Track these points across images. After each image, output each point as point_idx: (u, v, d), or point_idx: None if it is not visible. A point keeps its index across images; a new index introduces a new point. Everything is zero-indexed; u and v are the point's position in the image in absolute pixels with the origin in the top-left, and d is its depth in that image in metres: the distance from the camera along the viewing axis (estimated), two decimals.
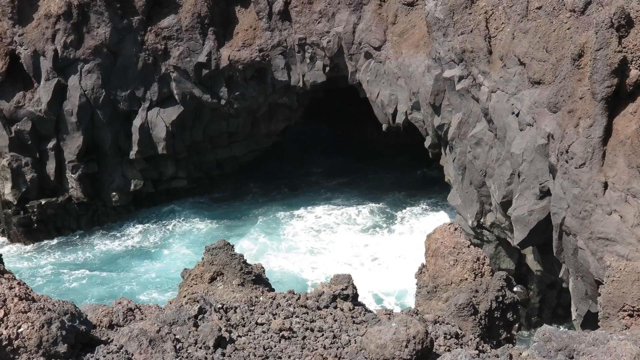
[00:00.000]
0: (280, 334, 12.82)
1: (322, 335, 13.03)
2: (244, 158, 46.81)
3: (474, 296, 16.61)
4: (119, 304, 12.66)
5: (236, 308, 13.68)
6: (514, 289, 18.14)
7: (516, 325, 17.71)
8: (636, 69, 21.54)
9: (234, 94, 41.72)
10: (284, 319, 13.52)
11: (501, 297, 16.95)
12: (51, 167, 41.42)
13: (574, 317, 24.02)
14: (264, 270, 17.34)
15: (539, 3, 26.56)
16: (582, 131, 22.44)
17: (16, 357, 9.81)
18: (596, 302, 18.38)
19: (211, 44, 40.04)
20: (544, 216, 25.44)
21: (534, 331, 27.80)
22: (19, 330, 9.88)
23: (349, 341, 12.74)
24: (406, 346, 11.19)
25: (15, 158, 40.65)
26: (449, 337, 14.45)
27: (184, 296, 15.33)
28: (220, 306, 13.43)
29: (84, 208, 43.13)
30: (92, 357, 10.60)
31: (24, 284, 10.60)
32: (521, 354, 12.53)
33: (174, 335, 11.45)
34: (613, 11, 21.53)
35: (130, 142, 42.12)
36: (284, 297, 14.75)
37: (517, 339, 18.47)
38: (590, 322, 22.10)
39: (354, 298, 15.13)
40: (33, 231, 42.36)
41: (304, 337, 12.89)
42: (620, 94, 21.94)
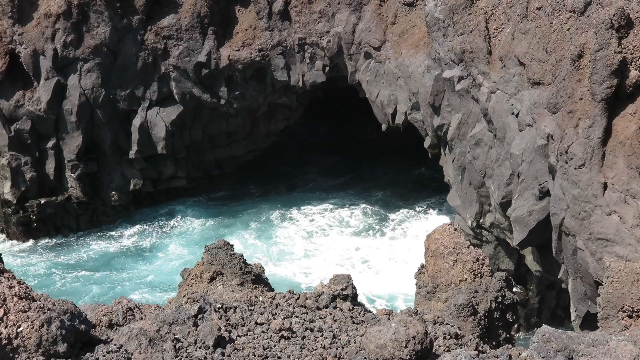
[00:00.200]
0: (280, 333, 12.82)
1: (322, 335, 13.03)
2: (243, 158, 46.80)
3: (473, 296, 16.61)
4: (118, 303, 12.66)
5: (236, 308, 13.68)
6: (513, 290, 18.15)
7: (515, 326, 17.72)
8: (636, 69, 21.55)
9: (234, 93, 41.71)
10: (284, 318, 13.52)
11: (501, 298, 16.95)
12: (50, 167, 41.42)
13: (573, 317, 24.03)
14: (263, 270, 17.35)
15: (538, 4, 26.56)
16: (581, 132, 22.45)
17: (16, 356, 9.81)
18: (595, 302, 18.38)
19: (211, 43, 40.04)
20: (544, 217, 25.45)
21: (532, 333, 27.83)
22: (19, 330, 9.88)
23: (349, 341, 12.74)
24: (406, 346, 11.20)
25: (14, 157, 40.63)
26: (448, 337, 14.46)
27: (184, 296, 15.33)
28: (219, 306, 13.43)
29: (84, 207, 43.11)
30: (91, 356, 10.59)
31: (24, 283, 10.60)
32: (520, 354, 12.53)
33: (174, 334, 11.44)
34: (613, 12, 21.54)
35: (130, 141, 42.11)
36: (283, 297, 14.75)
37: (516, 340, 18.48)
38: (590, 322, 22.11)
39: (353, 298, 15.13)
40: (32, 230, 42.37)
41: (303, 337, 12.89)
42: (619, 94, 21.95)
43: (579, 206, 22.19)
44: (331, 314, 14.17)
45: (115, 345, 10.90)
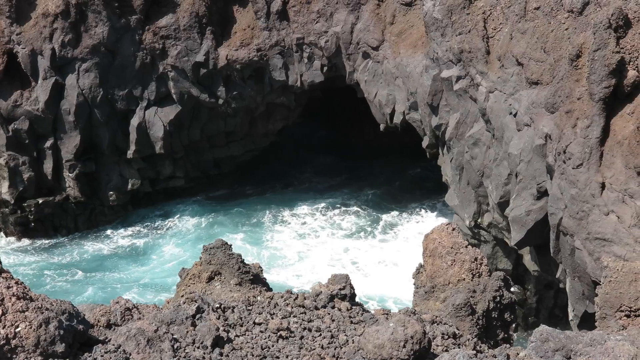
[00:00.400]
0: (278, 333, 12.82)
1: (320, 335, 13.03)
2: (241, 157, 46.79)
3: (471, 296, 16.62)
4: (116, 303, 12.66)
5: (234, 308, 13.68)
6: (511, 289, 18.16)
7: (513, 326, 17.73)
8: (634, 69, 21.57)
9: (232, 93, 41.70)
10: (282, 318, 13.52)
11: (499, 297, 16.96)
12: (48, 166, 41.39)
13: (570, 317, 24.04)
14: (261, 270, 17.33)
15: (537, 3, 26.57)
16: (579, 132, 22.46)
17: (14, 356, 9.80)
18: (593, 302, 18.40)
19: (209, 43, 40.02)
20: (542, 216, 25.45)
21: (530, 333, 27.86)
22: (17, 330, 9.87)
23: (347, 341, 12.74)
24: (404, 346, 11.20)
25: (12, 157, 40.60)
26: (446, 337, 14.47)
27: (182, 296, 15.32)
28: (218, 306, 13.43)
29: (81, 207, 43.08)
30: (89, 356, 10.58)
31: (22, 283, 10.59)
32: (518, 354, 12.55)
33: (172, 334, 11.44)
34: (611, 12, 21.55)
35: (128, 141, 42.08)
36: (281, 297, 14.75)
37: (514, 339, 18.49)
38: (587, 322, 22.12)
39: (351, 298, 15.13)
40: (30, 230, 42.34)
41: (301, 337, 12.89)
42: (618, 94, 21.96)
43: (577, 206, 22.20)
44: (329, 313, 14.17)
45: (114, 345, 10.90)
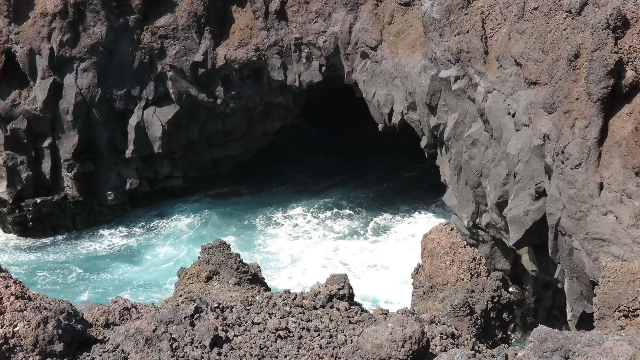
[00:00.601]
0: (277, 333, 12.82)
1: (319, 334, 13.03)
2: (239, 157, 46.78)
3: (470, 296, 16.63)
4: (115, 302, 12.65)
5: (232, 307, 13.68)
6: (510, 290, 18.17)
7: (512, 326, 17.73)
8: (632, 70, 21.58)
9: (230, 93, 41.69)
10: (280, 318, 13.51)
11: (497, 298, 16.97)
12: (47, 166, 41.36)
13: (569, 317, 24.05)
14: (260, 270, 17.33)
15: (535, 4, 26.59)
16: (577, 132, 22.47)
17: (12, 355, 9.79)
18: (591, 302, 18.40)
19: (207, 43, 40.00)
20: (540, 217, 25.47)
21: (528, 333, 27.86)
22: (15, 329, 9.86)
23: (345, 341, 12.74)
24: (402, 346, 11.20)
25: (10, 156, 40.57)
26: (445, 337, 14.47)
27: (180, 295, 15.31)
28: (216, 305, 13.42)
29: (80, 207, 43.06)
30: (88, 356, 10.58)
31: (20, 282, 10.58)
32: (517, 354, 12.56)
33: (170, 334, 11.43)
34: (609, 12, 21.56)
35: (126, 141, 42.07)
36: (280, 296, 14.75)
37: (512, 339, 18.49)
38: (586, 322, 22.14)
39: (350, 298, 15.12)
40: (28, 230, 42.31)
41: (300, 337, 12.88)
42: (616, 95, 21.97)
43: (575, 206, 22.22)
44: (328, 313, 14.17)
45: (112, 344, 10.89)
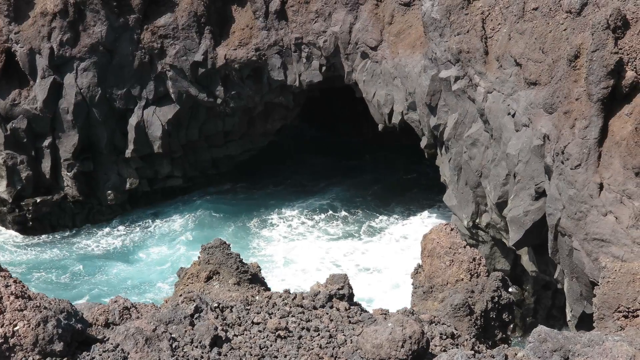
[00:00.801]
0: (277, 333, 12.81)
1: (318, 334, 13.02)
2: (239, 157, 46.80)
3: (469, 296, 16.62)
4: (115, 302, 12.64)
5: (232, 307, 13.67)
6: (510, 290, 18.17)
7: (511, 326, 17.73)
8: (632, 70, 21.58)
9: (230, 93, 41.69)
10: (280, 318, 13.51)
11: (497, 298, 16.97)
12: (46, 165, 41.37)
13: (568, 318, 24.05)
14: (260, 270, 17.33)
15: (535, 4, 26.59)
16: (577, 132, 22.47)
17: (12, 355, 9.79)
18: (591, 303, 18.41)
19: (207, 42, 40.00)
20: (540, 217, 25.47)
21: (527, 333, 27.84)
22: (15, 329, 9.86)
23: (345, 341, 12.74)
24: (402, 346, 11.20)
25: (10, 156, 40.58)
26: (444, 337, 14.46)
27: (180, 295, 15.31)
28: (216, 305, 13.42)
29: (79, 206, 43.07)
30: (88, 355, 10.57)
31: (20, 281, 10.57)
32: (516, 354, 12.55)
33: (170, 334, 11.43)
34: (609, 12, 21.56)
35: (126, 140, 42.09)
36: (280, 296, 14.74)
37: (512, 340, 18.49)
38: (585, 323, 22.14)
39: (350, 298, 15.12)
40: (28, 229, 42.31)
41: (300, 337, 12.88)
42: (616, 95, 21.96)
43: (575, 206, 22.22)
44: (327, 313, 14.17)
45: (112, 344, 10.88)
